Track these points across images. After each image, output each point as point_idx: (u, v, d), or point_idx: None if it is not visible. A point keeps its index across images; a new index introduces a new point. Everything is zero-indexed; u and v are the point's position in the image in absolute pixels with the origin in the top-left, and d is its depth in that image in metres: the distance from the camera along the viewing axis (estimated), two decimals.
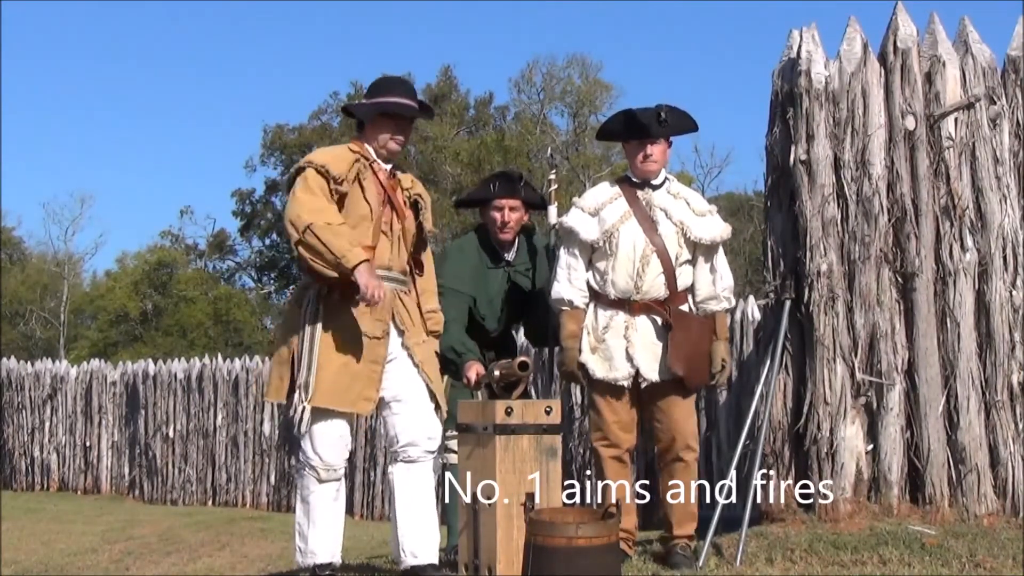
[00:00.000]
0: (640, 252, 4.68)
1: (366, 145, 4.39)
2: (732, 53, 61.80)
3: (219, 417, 14.43)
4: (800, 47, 5.40)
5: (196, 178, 67.29)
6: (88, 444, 16.14)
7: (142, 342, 36.78)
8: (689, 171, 36.98)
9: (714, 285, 4.77)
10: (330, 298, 4.24)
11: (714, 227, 4.79)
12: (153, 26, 65.63)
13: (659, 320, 4.68)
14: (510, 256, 5.17)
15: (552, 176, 5.27)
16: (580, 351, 4.74)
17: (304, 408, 4.20)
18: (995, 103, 5.34)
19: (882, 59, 5.40)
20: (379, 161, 4.37)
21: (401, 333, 4.38)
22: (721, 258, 4.82)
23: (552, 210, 5.13)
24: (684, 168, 36.11)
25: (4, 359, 17.57)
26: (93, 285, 44.45)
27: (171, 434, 14.97)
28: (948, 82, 5.31)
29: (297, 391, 4.22)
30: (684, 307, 4.75)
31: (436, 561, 4.38)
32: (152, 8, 64.80)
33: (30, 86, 65.49)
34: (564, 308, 4.78)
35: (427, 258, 4.59)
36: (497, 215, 5.07)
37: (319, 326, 4.23)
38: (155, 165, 68.08)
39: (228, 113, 66.52)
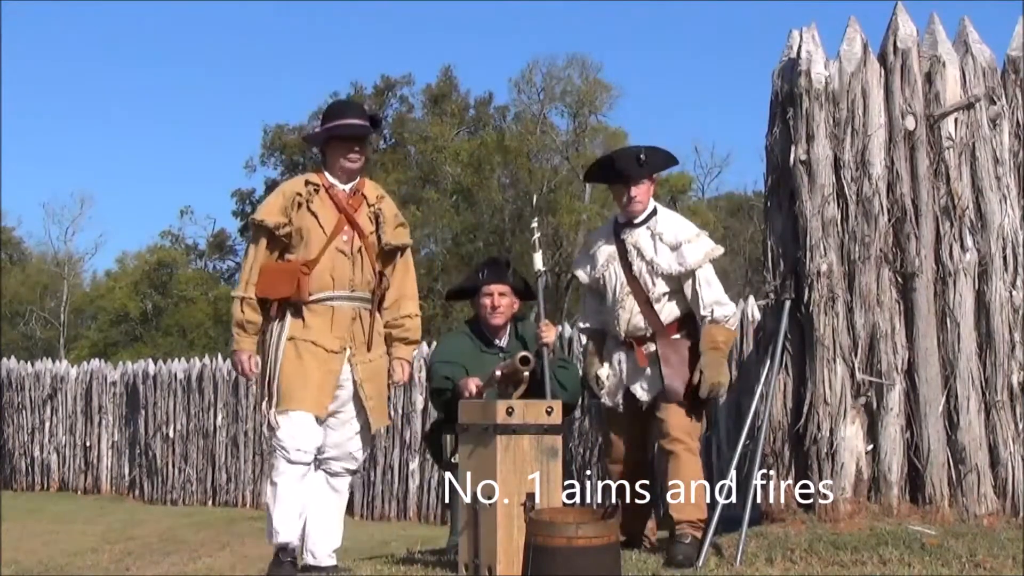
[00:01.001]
0: (618, 294, 5.04)
1: (325, 172, 4.76)
2: (732, 53, 61.81)
3: (219, 417, 14.42)
4: (800, 47, 5.40)
5: (196, 178, 67.42)
6: (88, 444, 16.14)
7: (142, 342, 36.80)
8: (689, 171, 36.94)
9: (697, 305, 4.98)
10: (297, 314, 4.62)
11: (687, 255, 4.95)
12: (153, 26, 65.69)
13: (644, 352, 4.99)
14: (503, 343, 5.20)
15: (534, 225, 5.44)
16: (599, 365, 5.17)
17: (273, 414, 4.60)
18: (995, 103, 5.33)
19: (882, 59, 5.40)
20: (338, 184, 4.71)
21: (350, 350, 4.68)
22: (701, 279, 4.97)
23: (537, 257, 5.23)
24: (684, 169, 36.05)
25: (4, 359, 17.57)
26: (93, 285, 44.47)
27: (171, 434, 14.96)
28: (948, 82, 5.31)
29: (264, 400, 4.65)
30: (678, 336, 5.02)
31: (332, 563, 4.75)
32: (152, 8, 64.85)
33: (30, 86, 65.55)
34: (583, 333, 5.43)
35: (403, 266, 4.88)
36: (487, 300, 5.16)
37: (284, 340, 4.62)
38: (155, 165, 68.14)
39: (228, 113, 66.55)
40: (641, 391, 5.02)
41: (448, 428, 5.02)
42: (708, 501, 4.88)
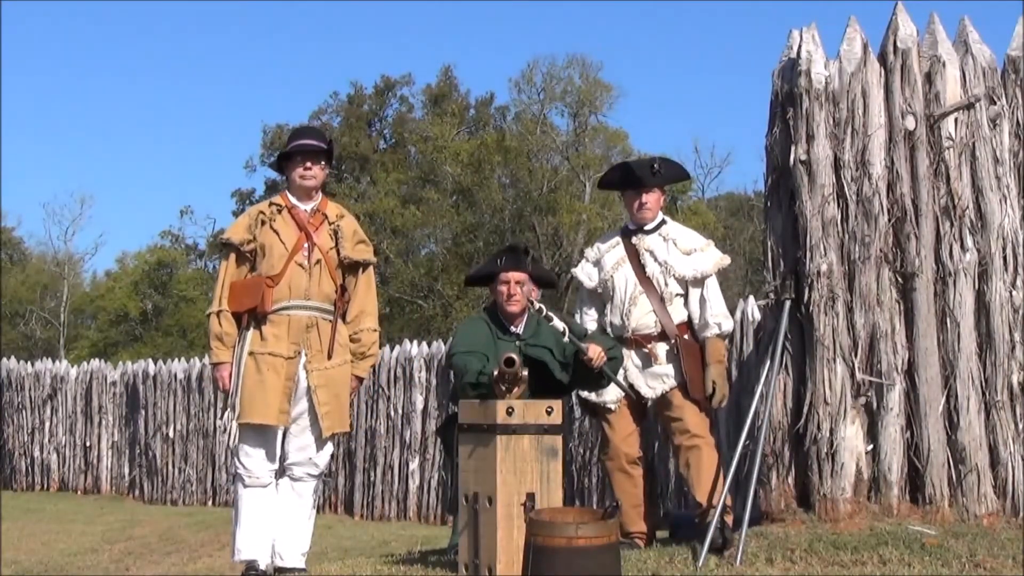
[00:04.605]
0: (629, 293, 5.21)
1: (288, 194, 5.07)
2: (732, 53, 61.81)
3: (219, 417, 14.42)
4: (800, 47, 5.40)
5: (196, 178, 67.29)
6: (88, 444, 16.14)
7: (142, 342, 36.79)
8: (689, 171, 36.79)
9: (703, 314, 5.20)
10: (257, 327, 4.89)
11: (700, 262, 5.22)
12: (153, 26, 65.67)
13: (655, 351, 5.15)
14: (519, 330, 5.16)
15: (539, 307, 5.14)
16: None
17: (234, 424, 4.87)
18: (995, 103, 5.33)
19: (882, 59, 5.40)
20: (299, 205, 5.02)
21: (305, 357, 4.91)
22: (711, 288, 5.24)
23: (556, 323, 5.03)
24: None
25: (4, 359, 17.57)
26: (93, 285, 44.44)
27: (171, 434, 14.97)
28: (948, 82, 5.30)
29: (229, 410, 4.90)
30: (687, 337, 5.21)
31: (301, 566, 4.96)
32: (152, 8, 64.84)
33: (30, 86, 65.54)
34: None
35: (364, 282, 5.10)
36: (504, 288, 5.14)
37: (246, 352, 4.88)
38: (155, 165, 68.10)
39: (228, 113, 66.53)
40: (647, 388, 5.19)
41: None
42: (727, 490, 4.96)
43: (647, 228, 5.32)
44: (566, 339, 4.85)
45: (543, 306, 4.83)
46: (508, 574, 4.16)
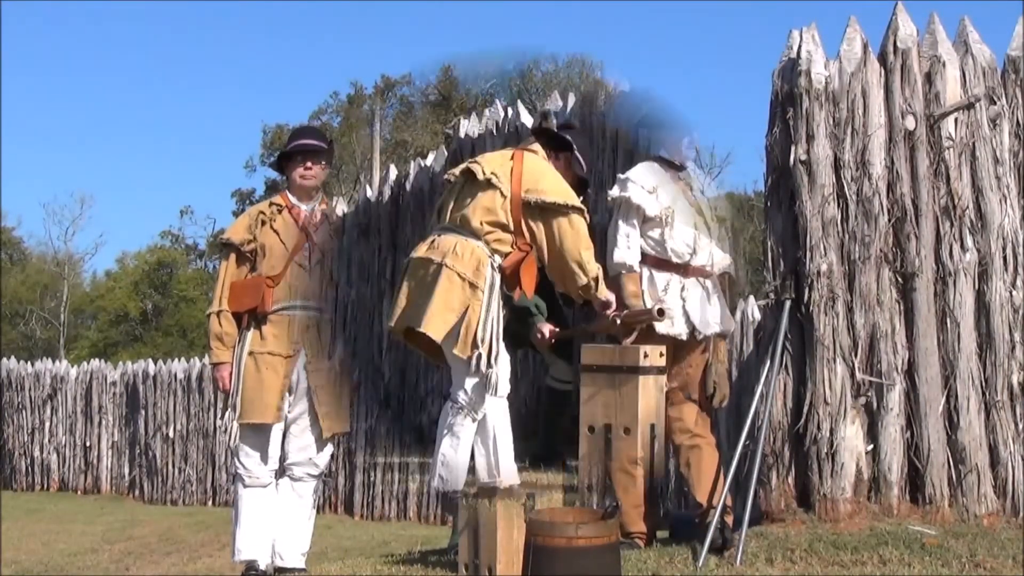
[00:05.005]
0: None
1: (288, 194, 5.12)
2: (732, 53, 61.83)
3: (219, 417, 14.42)
4: (800, 47, 5.39)
5: (196, 178, 67.38)
6: (88, 444, 16.15)
7: (142, 342, 36.81)
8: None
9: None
10: (257, 327, 4.92)
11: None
12: (153, 26, 65.67)
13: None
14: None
15: None
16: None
17: (234, 424, 4.90)
18: (995, 103, 5.33)
19: (882, 59, 5.40)
20: (299, 205, 5.06)
21: (306, 357, 4.94)
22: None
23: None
24: None
25: (4, 359, 17.57)
26: (93, 285, 44.47)
27: (171, 434, 14.97)
28: (948, 82, 5.30)
29: (229, 410, 4.93)
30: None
31: (301, 566, 5.01)
32: (152, 8, 64.84)
33: (31, 86, 65.53)
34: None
35: None
36: None
37: (246, 352, 4.91)
38: (155, 165, 68.12)
39: (228, 113, 66.54)
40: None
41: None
42: (727, 490, 4.94)
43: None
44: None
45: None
46: (508, 574, 4.16)
